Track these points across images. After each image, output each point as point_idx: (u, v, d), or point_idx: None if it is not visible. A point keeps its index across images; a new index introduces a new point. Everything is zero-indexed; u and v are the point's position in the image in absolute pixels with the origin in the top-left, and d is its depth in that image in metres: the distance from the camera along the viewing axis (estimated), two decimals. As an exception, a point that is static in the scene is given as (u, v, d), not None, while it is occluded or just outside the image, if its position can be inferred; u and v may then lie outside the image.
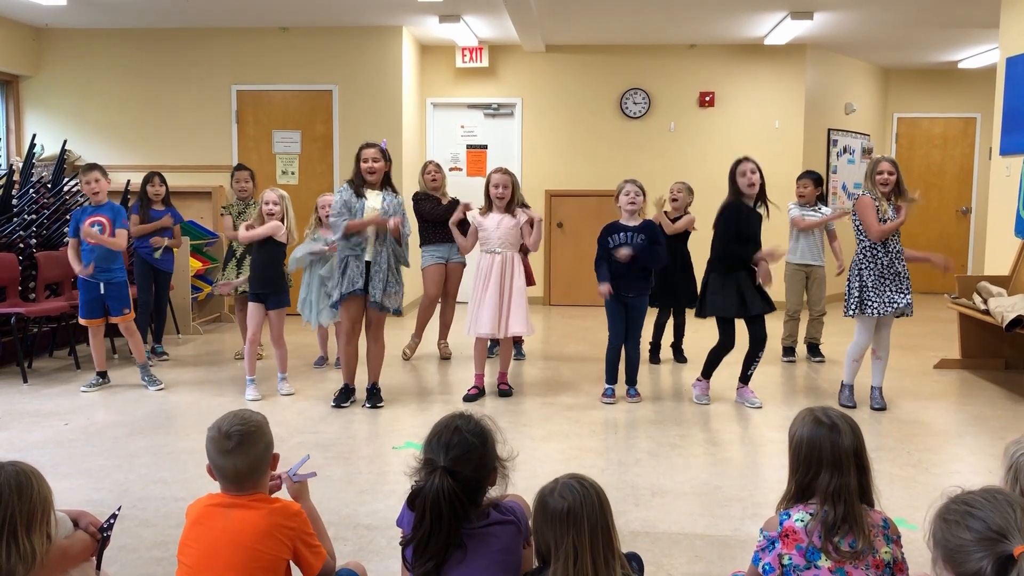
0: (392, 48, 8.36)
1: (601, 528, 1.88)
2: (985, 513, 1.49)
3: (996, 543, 1.46)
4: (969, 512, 1.51)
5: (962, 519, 1.51)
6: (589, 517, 1.86)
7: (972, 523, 1.49)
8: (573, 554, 1.84)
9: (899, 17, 7.69)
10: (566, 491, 1.90)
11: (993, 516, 1.48)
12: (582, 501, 1.88)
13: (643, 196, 5.11)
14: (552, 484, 1.95)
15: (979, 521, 1.49)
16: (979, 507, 1.51)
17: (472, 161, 9.42)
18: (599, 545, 1.86)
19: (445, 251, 6.29)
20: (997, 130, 6.57)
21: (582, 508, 1.87)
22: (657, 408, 5.02)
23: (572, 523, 1.85)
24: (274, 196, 5.24)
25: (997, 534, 1.46)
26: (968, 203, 10.71)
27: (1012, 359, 6.15)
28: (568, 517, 1.86)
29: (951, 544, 1.51)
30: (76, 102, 8.55)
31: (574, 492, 1.89)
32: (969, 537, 1.48)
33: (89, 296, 5.34)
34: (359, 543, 3.06)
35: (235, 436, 2.11)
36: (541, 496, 1.95)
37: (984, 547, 1.46)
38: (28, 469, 1.94)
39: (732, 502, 3.50)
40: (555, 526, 1.88)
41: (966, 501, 1.54)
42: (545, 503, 1.92)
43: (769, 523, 2.11)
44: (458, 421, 2.07)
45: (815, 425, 2.10)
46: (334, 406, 4.98)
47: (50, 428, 4.55)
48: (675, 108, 9.20)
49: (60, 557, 2.05)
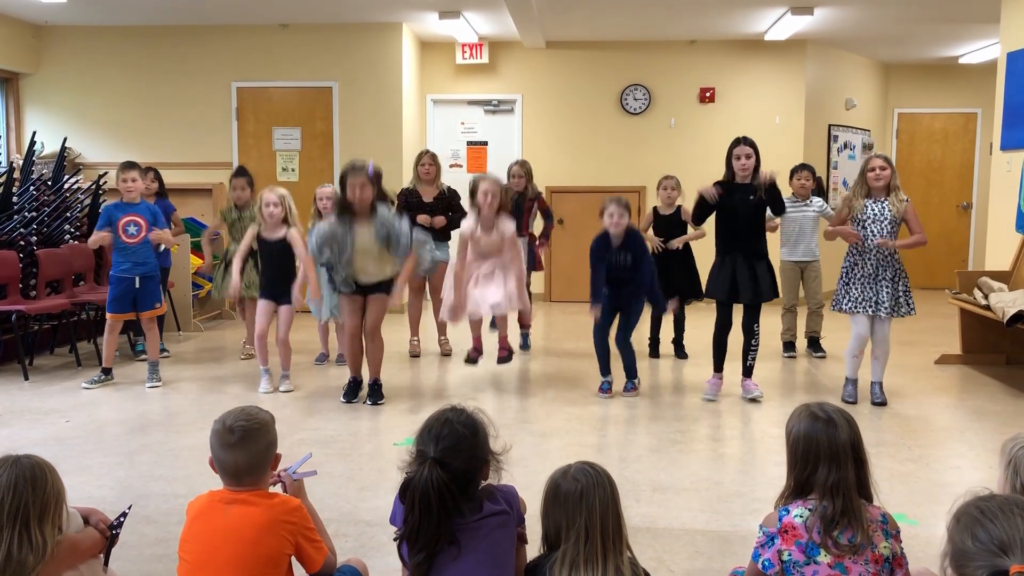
0: (392, 45, 8.35)
1: (612, 513, 1.93)
2: (995, 524, 1.52)
3: (995, 556, 1.48)
4: (980, 520, 1.54)
5: (972, 525, 1.54)
6: (601, 500, 1.92)
7: (979, 532, 1.52)
8: (585, 535, 1.89)
9: (899, 12, 7.68)
10: (579, 474, 1.96)
11: (1001, 530, 1.50)
12: (595, 484, 1.94)
13: (627, 215, 5.01)
14: (565, 468, 2.01)
15: (986, 532, 1.51)
16: (991, 517, 1.53)
17: (472, 157, 9.42)
18: (609, 528, 1.91)
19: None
20: (998, 125, 6.56)
21: (594, 490, 1.92)
22: (657, 404, 5.02)
23: (585, 504, 1.91)
24: (274, 197, 5.21)
25: (999, 548, 1.48)
26: (969, 198, 10.70)
27: (1013, 354, 6.15)
28: (581, 498, 1.92)
29: (957, 546, 1.55)
30: (76, 99, 8.55)
31: (587, 475, 1.96)
32: (972, 546, 1.51)
33: (122, 291, 5.35)
34: (360, 539, 3.06)
35: (238, 431, 2.12)
36: (553, 480, 2.00)
37: (984, 558, 1.49)
38: (43, 463, 2.00)
39: (732, 498, 3.51)
40: (568, 507, 1.93)
41: (981, 507, 1.56)
42: (557, 485, 1.98)
43: (768, 519, 2.11)
44: (449, 413, 2.09)
45: (811, 420, 2.11)
46: (344, 401, 4.98)
47: (51, 425, 4.56)
48: (675, 104, 9.19)
49: (70, 551, 2.08)
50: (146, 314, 5.45)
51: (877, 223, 4.82)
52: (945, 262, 10.27)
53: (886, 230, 4.81)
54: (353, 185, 4.65)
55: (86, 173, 8.10)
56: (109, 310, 5.40)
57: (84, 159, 8.50)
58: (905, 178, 9.88)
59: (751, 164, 4.88)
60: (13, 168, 6.76)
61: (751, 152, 4.89)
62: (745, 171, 4.89)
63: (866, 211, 4.84)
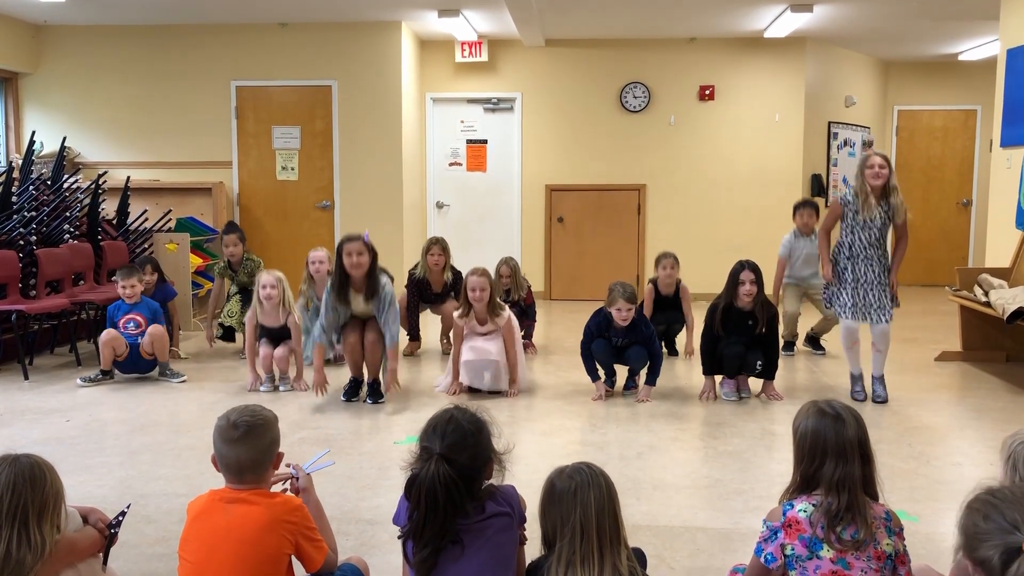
0: (391, 43, 8.34)
1: (608, 513, 1.93)
2: (1007, 507, 1.57)
3: (1008, 534, 1.52)
4: (993, 504, 1.59)
5: (984, 508, 1.59)
6: (596, 498, 1.93)
7: (992, 513, 1.57)
8: (580, 532, 1.89)
9: (899, 9, 7.67)
10: (575, 473, 1.98)
11: (1014, 511, 1.55)
12: (589, 482, 1.95)
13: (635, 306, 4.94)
14: (561, 468, 2.02)
15: (999, 514, 1.56)
16: (1003, 500, 1.59)
17: (472, 156, 9.42)
18: (605, 527, 1.92)
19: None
20: (998, 122, 6.55)
21: (589, 488, 1.93)
22: (657, 402, 5.02)
23: (579, 502, 1.92)
24: (271, 279, 5.23)
25: (1011, 526, 1.53)
26: (969, 195, 10.70)
27: (1013, 351, 6.14)
28: (575, 496, 1.92)
29: (970, 531, 1.60)
30: (75, 99, 8.54)
31: (582, 474, 1.97)
32: (985, 526, 1.56)
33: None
34: (361, 538, 3.06)
35: (241, 427, 2.13)
36: (549, 480, 2.01)
37: (997, 537, 1.53)
38: (42, 462, 2.01)
39: (733, 495, 3.51)
40: (563, 504, 1.94)
41: (993, 493, 1.62)
42: (553, 484, 1.99)
43: (772, 513, 2.12)
44: (454, 411, 2.11)
45: (819, 416, 2.13)
46: (344, 400, 4.99)
47: (52, 425, 4.56)
48: (675, 102, 9.19)
49: (68, 550, 2.09)
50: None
51: (867, 229, 4.82)
52: (945, 259, 10.27)
53: (874, 236, 4.82)
54: (350, 252, 4.68)
55: (85, 172, 8.10)
56: (108, 325, 5.49)
57: (83, 158, 8.50)
58: (905, 175, 9.91)
59: (755, 290, 4.81)
60: (12, 168, 6.76)
61: (756, 279, 4.82)
62: (749, 297, 4.83)
63: (857, 217, 4.82)
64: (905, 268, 5.20)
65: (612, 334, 4.99)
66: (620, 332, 4.95)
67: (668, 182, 9.22)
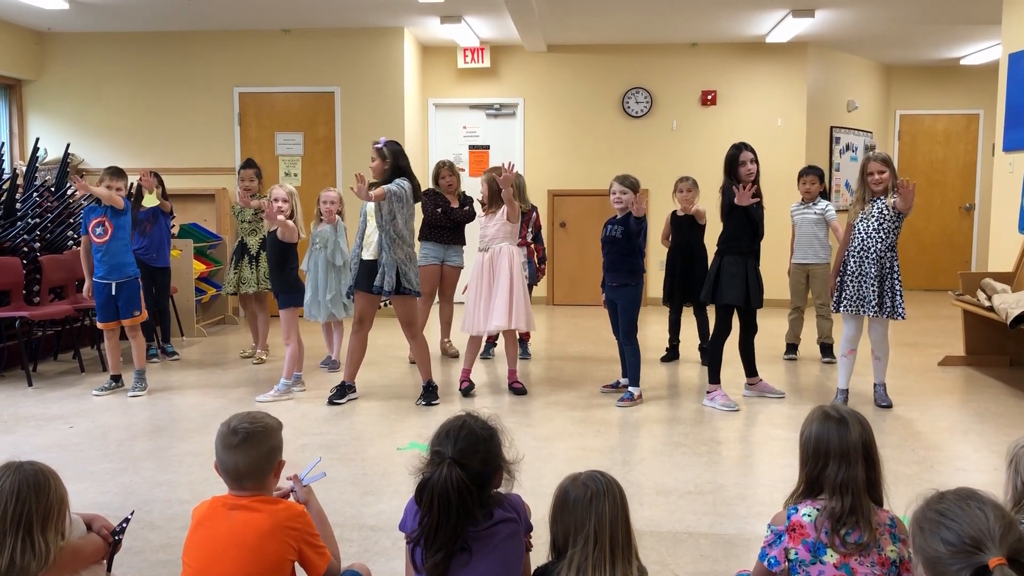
0: (394, 49, 8.36)
1: (621, 522, 1.94)
2: (958, 522, 1.47)
3: (971, 555, 1.44)
4: (942, 521, 1.49)
5: (936, 528, 1.49)
6: (611, 507, 1.93)
7: (946, 534, 1.47)
8: (594, 539, 1.90)
9: (901, 14, 7.68)
10: (590, 480, 1.98)
11: (966, 525, 1.46)
12: (604, 491, 1.96)
13: (630, 192, 5.14)
14: (575, 475, 2.03)
15: (952, 532, 1.47)
16: (951, 515, 1.49)
17: (474, 161, 9.42)
18: (618, 535, 1.93)
19: (441, 252, 6.26)
20: (1000, 126, 6.55)
21: (604, 497, 1.94)
22: (660, 407, 5.02)
23: (594, 510, 1.93)
24: (283, 193, 5.26)
25: (971, 546, 1.44)
26: (971, 200, 10.69)
27: (1017, 356, 6.13)
28: (591, 503, 1.93)
29: (929, 555, 1.50)
30: (79, 106, 8.57)
31: (597, 482, 1.98)
32: (943, 550, 1.47)
33: (103, 298, 5.31)
34: (364, 544, 3.06)
35: (241, 433, 2.13)
36: (562, 487, 2.02)
37: (960, 559, 1.45)
38: (46, 469, 2.00)
39: (736, 501, 3.50)
40: (577, 512, 1.94)
41: (938, 509, 1.52)
42: (567, 491, 1.99)
43: (777, 518, 2.13)
44: (466, 417, 2.12)
45: (824, 420, 2.14)
46: (328, 403, 5.02)
47: (55, 431, 4.56)
48: (677, 107, 9.20)
49: (72, 557, 2.09)
50: (127, 322, 5.37)
51: (865, 220, 4.84)
52: (948, 264, 10.26)
53: (872, 227, 4.81)
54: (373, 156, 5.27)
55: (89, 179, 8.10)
56: (98, 319, 5.40)
57: (87, 165, 8.51)
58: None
59: (755, 168, 4.97)
60: (16, 175, 6.77)
61: (754, 157, 4.98)
62: (750, 176, 4.93)
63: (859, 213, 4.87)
64: (908, 272, 5.20)
65: (608, 222, 5.23)
66: (614, 220, 5.20)
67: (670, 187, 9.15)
